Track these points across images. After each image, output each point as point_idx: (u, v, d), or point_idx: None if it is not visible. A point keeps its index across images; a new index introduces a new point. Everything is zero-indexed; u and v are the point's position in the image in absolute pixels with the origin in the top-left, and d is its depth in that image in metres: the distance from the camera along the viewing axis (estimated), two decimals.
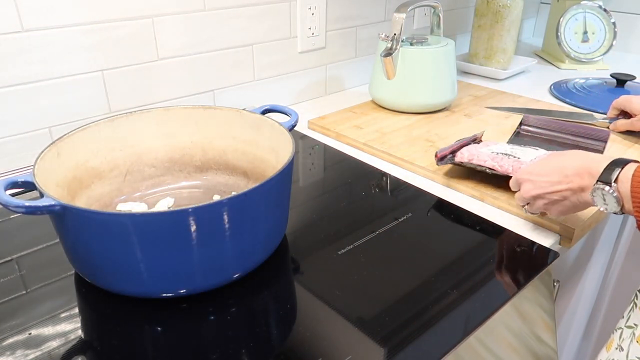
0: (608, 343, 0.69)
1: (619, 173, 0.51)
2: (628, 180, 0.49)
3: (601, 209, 0.53)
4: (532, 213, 0.65)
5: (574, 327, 1.17)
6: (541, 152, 0.74)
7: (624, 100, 0.91)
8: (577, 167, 0.56)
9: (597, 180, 0.52)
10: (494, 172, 0.71)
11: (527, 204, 0.64)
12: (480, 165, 0.72)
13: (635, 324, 0.64)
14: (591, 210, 0.68)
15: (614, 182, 0.50)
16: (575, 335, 1.20)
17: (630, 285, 1.09)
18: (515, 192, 0.66)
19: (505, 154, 0.74)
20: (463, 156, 0.75)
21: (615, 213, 0.52)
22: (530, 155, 0.77)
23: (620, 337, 0.67)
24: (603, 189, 0.51)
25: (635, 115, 0.88)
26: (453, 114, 1.03)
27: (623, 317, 0.69)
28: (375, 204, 0.73)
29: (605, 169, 0.52)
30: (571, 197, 0.57)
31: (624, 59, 1.50)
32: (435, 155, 0.76)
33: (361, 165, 0.84)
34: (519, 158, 0.73)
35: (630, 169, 0.50)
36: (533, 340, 0.65)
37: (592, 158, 0.56)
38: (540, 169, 0.61)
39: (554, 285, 0.65)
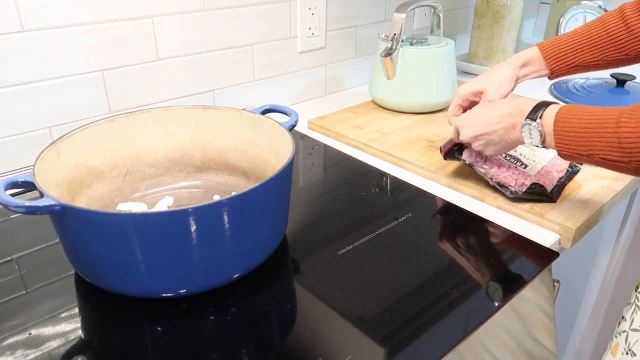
0: (613, 346, 0.69)
1: (543, 111, 0.59)
2: (551, 118, 0.58)
3: (526, 142, 0.62)
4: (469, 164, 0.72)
5: (574, 327, 1.17)
6: (553, 152, 0.74)
7: (465, 91, 0.78)
8: (510, 109, 0.64)
9: (526, 117, 0.60)
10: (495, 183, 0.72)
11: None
12: (482, 173, 0.73)
13: None
14: (591, 210, 0.68)
15: (539, 118, 0.59)
16: (576, 335, 1.20)
17: (630, 285, 1.09)
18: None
19: (513, 158, 0.75)
20: (468, 157, 0.74)
21: (536, 146, 0.60)
22: (540, 155, 0.77)
23: (626, 340, 0.67)
24: (530, 124, 0.59)
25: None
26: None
27: (625, 319, 0.69)
28: (375, 204, 0.73)
29: (533, 108, 0.60)
30: (504, 135, 0.65)
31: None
32: (440, 150, 0.76)
33: (361, 165, 0.84)
34: (525, 167, 0.74)
35: (552, 109, 0.58)
36: (533, 340, 0.65)
37: (523, 101, 0.64)
38: (476, 114, 0.69)
39: (554, 286, 0.65)
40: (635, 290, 0.70)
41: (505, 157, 0.77)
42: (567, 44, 0.74)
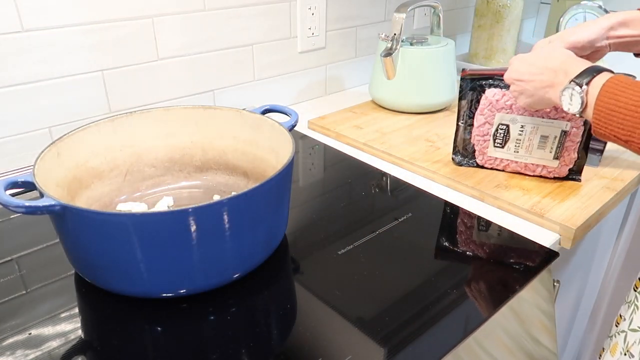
0: (612, 346, 0.68)
1: (593, 78, 0.53)
2: (597, 87, 0.52)
3: (564, 107, 0.57)
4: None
5: (574, 327, 1.17)
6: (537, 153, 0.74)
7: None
8: (557, 64, 0.59)
9: (571, 80, 0.55)
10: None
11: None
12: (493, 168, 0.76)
13: (639, 327, 0.64)
14: (591, 210, 0.68)
15: (586, 84, 0.53)
16: (576, 335, 1.20)
17: (630, 285, 1.09)
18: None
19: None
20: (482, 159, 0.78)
21: (573, 114, 0.56)
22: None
23: (624, 340, 0.66)
24: (573, 89, 0.54)
25: None
26: (453, 114, 1.03)
27: (624, 318, 0.69)
28: (375, 204, 0.73)
29: (582, 71, 0.55)
30: (540, 90, 0.61)
31: (624, 59, 1.49)
32: (463, 70, 0.77)
33: (361, 165, 0.84)
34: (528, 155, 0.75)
35: (602, 77, 0.53)
36: (533, 339, 0.65)
37: (574, 60, 0.58)
38: (530, 56, 0.65)
39: (554, 286, 0.65)
40: (635, 290, 0.70)
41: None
42: None
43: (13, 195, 0.63)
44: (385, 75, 1.00)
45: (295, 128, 0.70)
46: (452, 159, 0.80)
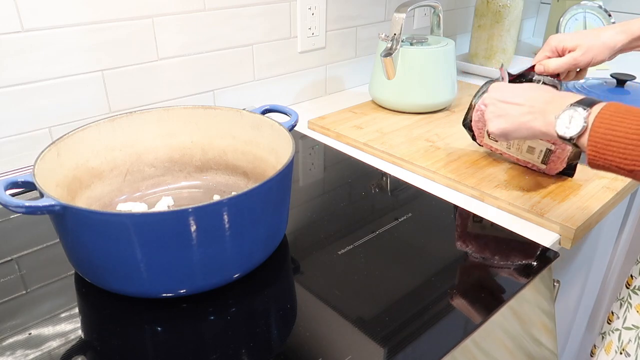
0: (606, 345, 0.68)
1: (592, 105, 0.51)
2: (597, 112, 0.50)
3: (557, 131, 0.53)
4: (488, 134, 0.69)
5: (574, 327, 1.17)
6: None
7: (557, 42, 0.72)
8: (550, 95, 0.56)
9: (571, 104, 0.52)
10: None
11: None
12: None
13: (634, 325, 0.64)
14: (591, 210, 0.68)
15: (589, 107, 0.50)
16: (576, 335, 1.20)
17: None
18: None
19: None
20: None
21: (567, 140, 0.52)
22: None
23: (619, 339, 0.66)
24: (575, 110, 0.51)
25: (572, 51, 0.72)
26: (453, 114, 1.03)
27: (617, 316, 0.69)
28: (375, 204, 0.73)
29: (582, 98, 0.53)
30: (524, 116, 0.57)
31: (624, 59, 1.49)
32: (501, 67, 0.75)
33: (361, 165, 0.84)
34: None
35: (599, 106, 0.50)
36: (533, 340, 0.65)
37: (566, 93, 0.56)
38: (511, 87, 0.62)
39: (554, 285, 0.65)
40: (627, 287, 0.70)
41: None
42: None
43: (13, 195, 0.63)
44: (385, 75, 1.00)
45: (295, 128, 0.70)
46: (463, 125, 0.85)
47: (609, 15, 1.39)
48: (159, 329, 0.50)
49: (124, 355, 0.47)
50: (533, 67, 0.73)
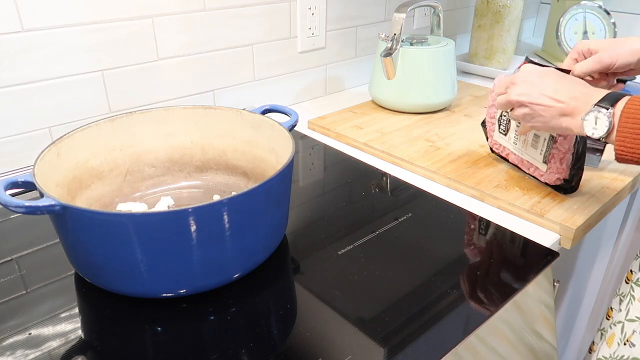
0: (607, 338, 0.68)
1: (616, 102, 0.52)
2: (621, 108, 0.51)
3: (586, 133, 0.54)
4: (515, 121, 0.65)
5: (574, 327, 1.17)
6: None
7: (583, 45, 0.71)
8: (580, 92, 0.56)
9: (595, 104, 0.53)
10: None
11: (511, 109, 0.64)
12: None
13: (637, 317, 0.64)
14: (591, 210, 0.68)
15: (612, 107, 0.52)
16: (576, 335, 1.20)
17: None
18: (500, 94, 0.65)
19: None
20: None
21: (597, 139, 0.54)
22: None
23: (622, 331, 0.66)
24: (599, 111, 0.52)
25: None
26: (453, 114, 1.03)
27: (619, 310, 0.69)
28: (375, 204, 0.73)
29: (606, 95, 0.53)
30: (554, 119, 0.58)
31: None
32: (525, 60, 0.73)
33: (361, 165, 0.84)
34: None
35: (624, 101, 0.52)
36: (533, 340, 0.65)
37: (591, 88, 0.57)
38: (537, 79, 0.61)
39: (554, 285, 0.65)
40: (627, 282, 0.70)
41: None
42: None
43: (13, 195, 0.63)
44: (385, 75, 1.00)
45: (295, 128, 0.70)
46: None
47: (609, 15, 1.39)
48: (159, 329, 0.50)
49: (124, 355, 0.47)
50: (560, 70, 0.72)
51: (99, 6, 0.77)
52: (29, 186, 0.50)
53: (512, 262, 0.60)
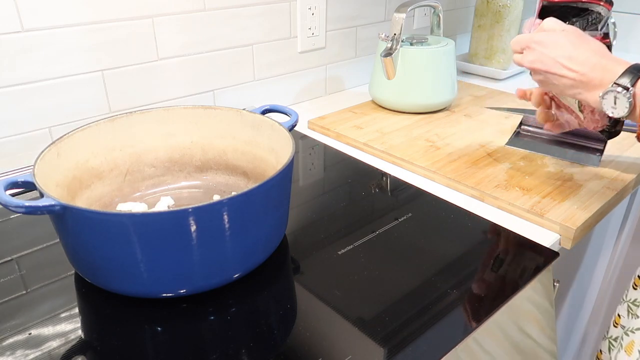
0: (626, 345, 0.67)
1: (638, 79, 0.49)
2: None
3: (606, 111, 0.52)
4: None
5: (575, 327, 1.17)
6: None
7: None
8: (592, 59, 0.53)
9: (614, 82, 0.50)
10: None
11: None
12: None
13: None
14: (591, 210, 0.68)
15: (632, 86, 0.49)
16: (576, 335, 1.20)
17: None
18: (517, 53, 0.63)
19: None
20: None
21: (619, 117, 0.52)
22: None
23: None
24: (617, 91, 0.50)
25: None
26: (453, 114, 1.03)
27: (637, 316, 0.68)
28: (375, 204, 0.73)
29: (625, 70, 0.50)
30: (571, 88, 0.55)
31: (624, 59, 1.49)
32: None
33: (361, 165, 0.84)
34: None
35: None
36: (533, 340, 0.65)
37: (610, 57, 0.53)
38: (552, 42, 0.57)
39: (554, 285, 0.65)
40: (635, 288, 0.70)
41: None
42: None
43: (13, 195, 0.63)
44: (385, 75, 1.00)
45: (295, 128, 0.70)
46: None
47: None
48: (159, 329, 0.50)
49: (124, 355, 0.47)
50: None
51: (99, 6, 0.77)
52: (29, 186, 0.50)
53: (512, 262, 0.60)
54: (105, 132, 0.64)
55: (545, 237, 0.65)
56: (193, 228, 0.47)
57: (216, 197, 0.69)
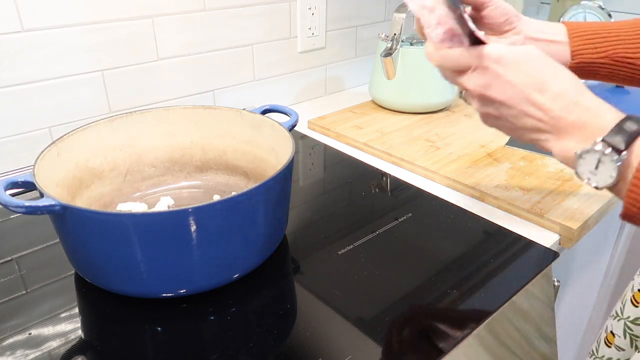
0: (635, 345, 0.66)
1: (633, 141, 0.35)
2: (638, 157, 0.35)
3: (581, 176, 0.38)
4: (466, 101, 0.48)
5: (575, 327, 1.17)
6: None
7: None
8: (573, 94, 0.39)
9: (603, 139, 0.36)
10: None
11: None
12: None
13: None
14: (591, 210, 0.68)
15: (625, 149, 0.35)
16: (576, 335, 1.20)
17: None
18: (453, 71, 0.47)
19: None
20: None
21: (595, 187, 0.39)
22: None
23: None
24: (604, 154, 0.36)
25: None
26: (453, 114, 1.03)
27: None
28: (375, 204, 0.73)
29: (618, 124, 0.36)
30: (534, 132, 0.41)
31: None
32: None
33: (361, 165, 0.84)
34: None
35: None
36: (533, 340, 0.65)
37: (593, 97, 0.39)
38: (519, 61, 0.41)
39: (554, 285, 0.65)
40: (636, 305, 0.67)
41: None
42: (600, 27, 0.54)
43: (13, 195, 0.63)
44: (385, 75, 1.00)
45: (295, 128, 0.70)
46: None
47: (609, 16, 1.38)
48: (159, 329, 0.50)
49: (124, 355, 0.47)
50: None
51: (99, 6, 0.77)
52: (29, 186, 0.50)
53: (512, 262, 0.60)
54: (105, 132, 0.64)
55: (545, 237, 0.65)
56: (193, 228, 0.47)
57: (216, 197, 0.69)
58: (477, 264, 0.59)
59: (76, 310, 0.53)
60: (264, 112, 0.68)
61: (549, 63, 0.41)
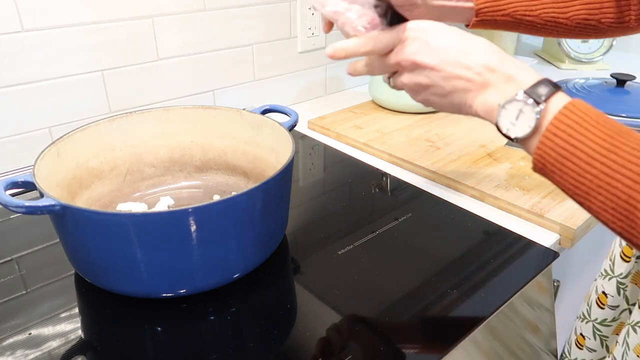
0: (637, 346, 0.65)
1: (552, 95, 0.39)
2: (554, 112, 0.38)
3: (500, 126, 0.41)
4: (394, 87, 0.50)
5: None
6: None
7: None
8: (495, 61, 0.42)
9: (525, 91, 0.39)
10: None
11: (395, 73, 0.49)
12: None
13: None
14: None
15: (544, 101, 0.38)
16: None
17: None
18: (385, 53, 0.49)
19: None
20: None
21: (511, 139, 0.40)
22: None
23: None
24: (526, 103, 0.39)
25: None
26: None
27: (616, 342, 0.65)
28: (375, 204, 0.73)
29: (537, 81, 0.40)
30: (457, 94, 0.44)
31: (624, 59, 1.50)
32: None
33: (361, 165, 0.84)
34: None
35: (560, 100, 0.39)
36: (533, 340, 0.65)
37: (516, 62, 0.43)
38: (443, 32, 0.45)
39: (554, 285, 0.65)
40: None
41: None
42: None
43: (13, 195, 0.63)
44: None
45: (295, 128, 0.70)
46: None
47: None
48: (159, 329, 0.50)
49: (124, 355, 0.47)
50: None
51: (99, 6, 0.77)
52: (29, 186, 0.50)
53: (512, 262, 0.60)
54: (105, 132, 0.64)
55: (545, 237, 0.65)
56: (193, 228, 0.47)
57: (216, 197, 0.69)
58: (477, 264, 0.59)
59: (76, 310, 0.53)
60: (264, 112, 0.68)
61: (468, 34, 0.46)
